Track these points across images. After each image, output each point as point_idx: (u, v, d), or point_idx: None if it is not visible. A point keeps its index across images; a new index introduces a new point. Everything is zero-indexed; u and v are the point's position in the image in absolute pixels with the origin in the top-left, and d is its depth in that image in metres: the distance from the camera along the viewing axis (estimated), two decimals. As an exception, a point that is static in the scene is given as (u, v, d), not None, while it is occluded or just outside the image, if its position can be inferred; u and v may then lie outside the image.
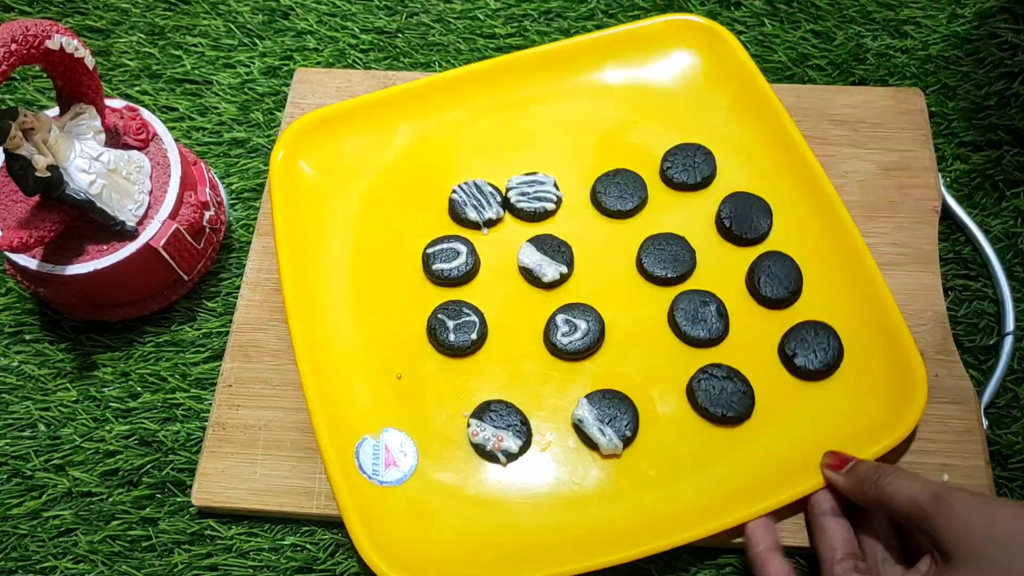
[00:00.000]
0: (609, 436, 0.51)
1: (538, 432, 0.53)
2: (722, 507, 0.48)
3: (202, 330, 0.58)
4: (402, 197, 0.61)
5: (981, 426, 0.53)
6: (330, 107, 0.62)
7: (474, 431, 0.52)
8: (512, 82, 0.64)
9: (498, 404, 0.53)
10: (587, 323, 0.55)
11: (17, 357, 0.58)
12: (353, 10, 0.72)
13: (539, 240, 0.58)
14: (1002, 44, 0.68)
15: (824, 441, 0.50)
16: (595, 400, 0.52)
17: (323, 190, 0.60)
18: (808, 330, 0.54)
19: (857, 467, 0.47)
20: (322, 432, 0.51)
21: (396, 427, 0.53)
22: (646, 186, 0.60)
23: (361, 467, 0.51)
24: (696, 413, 0.52)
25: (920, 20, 0.70)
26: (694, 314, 0.55)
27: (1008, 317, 0.57)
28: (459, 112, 0.63)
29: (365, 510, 0.49)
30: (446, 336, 0.55)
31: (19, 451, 0.55)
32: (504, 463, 0.52)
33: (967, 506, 0.41)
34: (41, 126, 0.49)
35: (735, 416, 0.51)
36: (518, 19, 0.71)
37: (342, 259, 0.58)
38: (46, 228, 0.50)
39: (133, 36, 0.71)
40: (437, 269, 0.57)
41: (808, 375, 0.53)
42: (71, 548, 0.52)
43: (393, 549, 0.48)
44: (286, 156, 0.60)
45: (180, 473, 0.54)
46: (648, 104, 0.63)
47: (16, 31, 0.45)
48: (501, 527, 0.50)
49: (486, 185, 0.60)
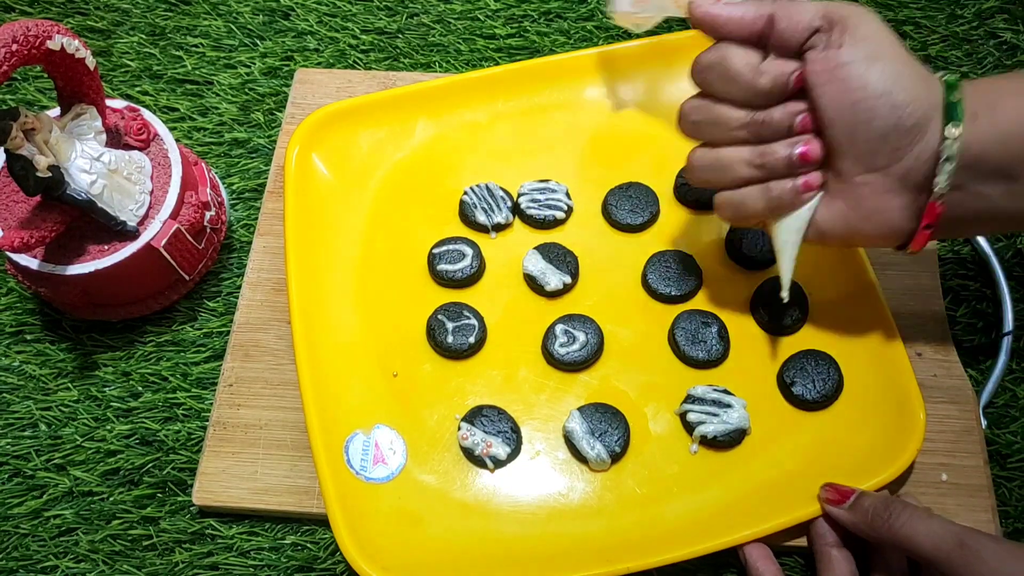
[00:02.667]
0: (598, 451, 0.51)
1: (528, 440, 0.53)
2: (709, 530, 0.48)
3: (203, 330, 0.59)
4: (414, 195, 0.61)
5: (980, 426, 0.53)
6: (349, 100, 0.61)
7: (464, 435, 0.52)
8: (533, 88, 0.63)
9: (490, 409, 0.53)
10: (586, 335, 0.55)
11: (18, 357, 0.58)
12: (354, 11, 0.72)
13: (545, 248, 0.58)
14: (1001, 44, 0.68)
15: (818, 471, 0.49)
16: (587, 413, 0.52)
17: (336, 183, 0.60)
18: (809, 359, 0.53)
19: (862, 502, 0.46)
20: (314, 424, 0.51)
21: (388, 424, 0.53)
22: (659, 201, 0.59)
23: (350, 462, 0.51)
24: (688, 434, 0.52)
25: (920, 20, 0.70)
26: (694, 334, 0.54)
27: (1007, 317, 0.57)
28: (478, 113, 0.63)
29: (349, 505, 0.49)
30: (444, 337, 0.55)
31: (20, 450, 0.55)
32: (492, 469, 0.52)
33: (995, 555, 0.40)
34: (42, 126, 0.49)
35: (727, 440, 0.51)
36: (518, 20, 0.71)
37: (349, 253, 0.59)
38: (47, 228, 0.50)
39: (134, 36, 0.71)
40: (442, 270, 0.57)
41: (805, 405, 0.52)
42: (72, 547, 0.52)
43: (374, 547, 0.48)
44: (302, 148, 0.60)
45: (181, 472, 0.54)
46: (669, 118, 0.62)
47: (17, 31, 0.45)
48: (484, 533, 0.50)
49: (498, 189, 0.60)
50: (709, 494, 0.50)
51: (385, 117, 0.62)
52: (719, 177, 0.48)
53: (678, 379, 0.54)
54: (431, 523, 0.50)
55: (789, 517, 0.48)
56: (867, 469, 0.49)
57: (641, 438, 0.52)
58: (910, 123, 0.43)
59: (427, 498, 0.51)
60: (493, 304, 0.57)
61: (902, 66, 0.43)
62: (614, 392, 0.54)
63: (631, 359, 0.55)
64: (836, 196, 0.46)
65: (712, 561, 0.50)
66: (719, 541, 0.47)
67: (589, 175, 0.61)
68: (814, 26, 0.44)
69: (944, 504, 0.50)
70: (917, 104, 0.43)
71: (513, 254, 0.59)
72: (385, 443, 0.52)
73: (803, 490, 0.48)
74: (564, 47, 0.69)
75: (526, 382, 0.54)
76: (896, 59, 0.43)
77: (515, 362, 0.55)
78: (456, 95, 0.63)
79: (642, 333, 0.56)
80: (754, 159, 0.46)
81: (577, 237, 0.59)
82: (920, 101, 0.43)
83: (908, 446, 0.49)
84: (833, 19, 0.43)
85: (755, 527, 0.48)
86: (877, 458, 0.49)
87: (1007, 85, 0.44)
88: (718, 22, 0.46)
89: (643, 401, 0.53)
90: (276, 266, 0.59)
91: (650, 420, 0.53)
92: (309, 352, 0.53)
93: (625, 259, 0.58)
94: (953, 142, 0.42)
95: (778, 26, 0.44)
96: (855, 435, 0.51)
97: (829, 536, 0.47)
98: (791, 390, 0.52)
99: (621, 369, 0.55)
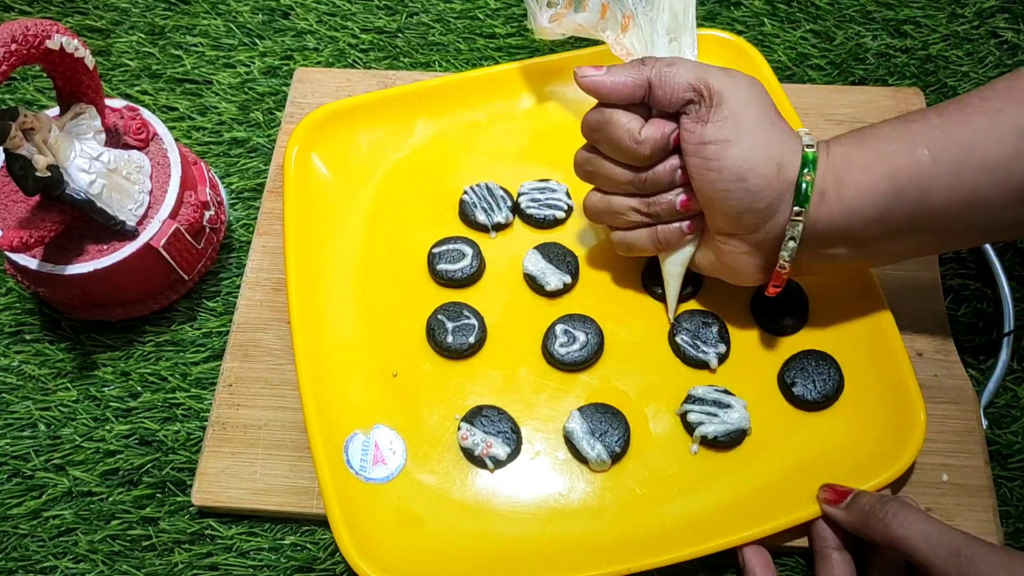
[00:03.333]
0: (598, 451, 0.51)
1: (528, 441, 0.52)
2: (709, 531, 0.48)
3: (202, 330, 0.58)
4: (414, 194, 0.61)
5: (981, 426, 0.53)
6: (349, 99, 0.62)
7: (464, 435, 0.52)
8: (535, 87, 0.63)
9: (490, 409, 0.52)
10: (586, 335, 0.54)
11: (17, 357, 0.58)
12: (353, 10, 0.72)
13: (545, 248, 0.58)
14: (1002, 44, 0.68)
15: (818, 472, 0.49)
16: (587, 413, 0.52)
17: (336, 183, 0.60)
18: (810, 359, 0.53)
19: (858, 500, 0.46)
20: (313, 424, 0.51)
21: (387, 424, 0.53)
22: None
23: (349, 462, 0.51)
24: (689, 435, 0.52)
25: (920, 20, 0.70)
26: (695, 334, 0.54)
27: (1007, 317, 0.57)
28: (479, 113, 0.63)
29: (349, 506, 0.49)
30: (444, 337, 0.55)
31: (19, 451, 0.55)
32: (492, 469, 0.51)
33: (991, 565, 0.39)
34: (41, 126, 0.49)
35: (727, 441, 0.51)
36: (518, 19, 0.71)
37: (348, 253, 0.59)
38: (46, 228, 0.50)
39: (133, 36, 0.71)
40: (442, 269, 0.57)
41: (806, 405, 0.52)
42: (71, 548, 0.52)
43: (374, 547, 0.48)
44: (301, 147, 0.60)
45: (180, 473, 0.54)
46: None
47: (16, 31, 0.45)
48: (484, 534, 0.50)
49: (498, 188, 0.60)
50: (709, 494, 0.50)
51: (385, 116, 0.62)
52: (612, 220, 0.53)
53: (678, 379, 0.54)
54: (431, 523, 0.50)
55: (789, 518, 0.48)
56: (868, 469, 0.49)
57: (641, 438, 0.52)
58: (762, 206, 0.46)
59: (427, 498, 0.51)
60: (493, 304, 0.57)
61: (761, 145, 0.45)
62: (614, 392, 0.54)
63: (631, 359, 0.55)
64: (707, 244, 0.52)
65: (712, 562, 0.50)
66: (719, 542, 0.47)
67: None
68: (686, 98, 0.47)
69: (944, 504, 0.50)
70: (769, 189, 0.45)
71: (513, 254, 0.58)
72: (385, 443, 0.52)
73: (803, 491, 0.48)
74: (563, 46, 0.69)
75: (526, 382, 0.54)
76: (756, 136, 0.45)
77: (515, 362, 0.55)
78: (455, 94, 0.63)
79: (642, 333, 0.56)
80: (642, 207, 0.51)
81: (577, 236, 0.59)
82: (772, 186, 0.45)
83: (909, 447, 0.49)
84: (703, 92, 0.46)
85: (755, 528, 0.47)
86: (878, 459, 0.49)
87: (858, 156, 0.46)
88: (602, 91, 0.48)
89: (643, 401, 0.53)
90: (275, 266, 0.59)
91: (650, 420, 0.53)
92: (308, 351, 0.53)
93: (625, 259, 0.58)
94: (797, 223, 0.46)
95: (655, 93, 0.47)
96: (856, 435, 0.51)
97: (830, 539, 0.47)
98: (792, 390, 0.52)
99: (621, 369, 0.55)
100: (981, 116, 0.44)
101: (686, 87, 0.46)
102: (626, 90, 0.48)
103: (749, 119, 0.46)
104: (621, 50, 0.57)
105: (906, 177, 0.44)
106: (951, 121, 0.44)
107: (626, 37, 0.57)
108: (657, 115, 0.49)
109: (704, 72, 0.46)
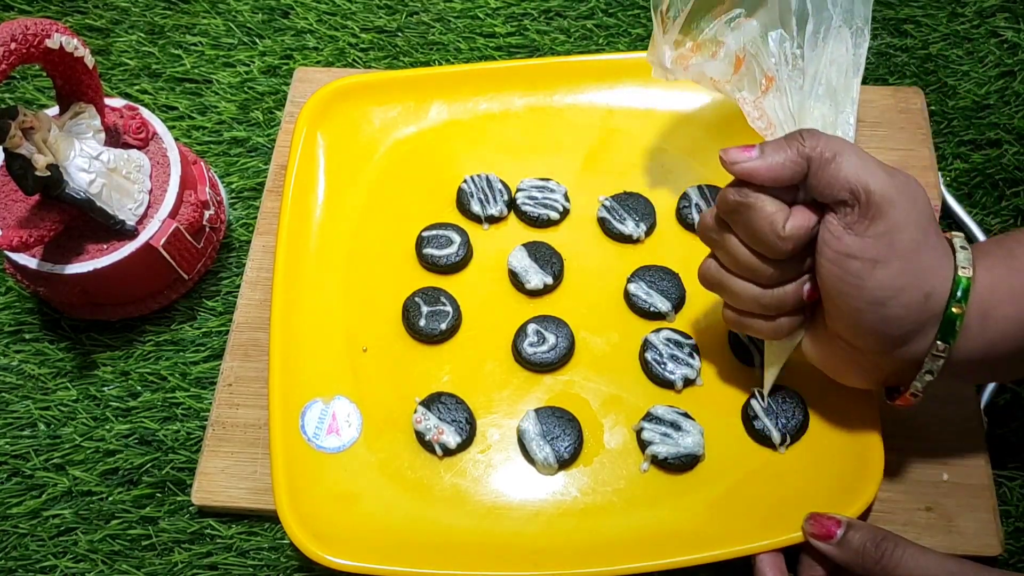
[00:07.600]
0: (546, 454, 0.50)
1: (481, 433, 0.52)
2: (649, 549, 0.47)
3: (202, 329, 0.58)
4: (415, 176, 0.61)
5: (981, 426, 0.53)
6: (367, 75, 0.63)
7: (418, 418, 0.52)
8: (551, 86, 0.63)
9: (449, 397, 0.53)
10: (556, 338, 0.54)
11: (17, 356, 0.58)
12: (353, 9, 0.72)
13: (532, 246, 0.58)
14: (1002, 43, 0.68)
15: (771, 504, 0.49)
16: (543, 415, 0.52)
17: (341, 156, 0.61)
18: (777, 396, 0.52)
19: (850, 539, 0.44)
20: (275, 384, 0.52)
21: (348, 397, 0.53)
22: (656, 216, 0.59)
23: (304, 428, 0.52)
24: (642, 452, 0.51)
25: (920, 19, 0.70)
26: (666, 353, 0.54)
27: (1008, 316, 0.56)
28: (492, 103, 0.63)
29: (294, 469, 0.50)
30: (417, 320, 0.55)
31: (19, 450, 0.55)
32: (440, 456, 0.52)
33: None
34: (41, 125, 0.49)
35: (677, 464, 0.50)
36: (518, 18, 0.71)
37: (343, 226, 0.59)
38: (46, 227, 0.50)
39: (133, 35, 0.71)
40: (428, 254, 0.57)
41: (765, 441, 0.51)
42: (71, 547, 0.52)
43: (311, 514, 0.49)
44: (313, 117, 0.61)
45: (180, 472, 0.54)
46: (682, 135, 0.62)
47: (16, 30, 0.45)
48: (418, 517, 0.50)
49: (497, 181, 0.60)
50: (653, 514, 0.50)
51: (400, 96, 0.62)
52: (725, 297, 0.48)
53: (643, 396, 0.53)
54: (370, 500, 0.50)
55: (730, 549, 0.47)
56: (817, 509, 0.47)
57: (594, 448, 0.52)
58: (896, 333, 0.42)
59: (372, 474, 0.51)
60: (473, 294, 0.57)
61: (913, 272, 0.40)
62: (575, 399, 0.53)
63: (599, 369, 0.54)
64: (819, 337, 0.46)
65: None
66: (658, 561, 0.46)
67: (591, 181, 0.61)
68: (841, 198, 0.41)
69: (945, 504, 0.50)
70: (910, 320, 0.41)
71: (501, 248, 0.58)
72: (342, 415, 0.53)
73: (748, 522, 0.48)
74: (564, 46, 0.69)
75: (491, 376, 0.54)
76: (909, 263, 0.40)
77: (483, 354, 0.55)
78: (472, 82, 0.63)
79: (615, 345, 0.55)
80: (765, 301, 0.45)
81: (568, 240, 0.59)
82: (914, 317, 0.41)
83: (862, 496, 0.48)
84: (860, 198, 0.40)
85: (699, 552, 0.47)
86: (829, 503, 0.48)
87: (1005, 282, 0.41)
88: (756, 179, 0.42)
89: (603, 412, 0.53)
90: (275, 265, 0.59)
91: (607, 432, 0.52)
92: (284, 315, 0.54)
93: (612, 269, 0.57)
94: (939, 358, 0.42)
95: (808, 181, 0.42)
96: (810, 476, 0.50)
97: (817, 569, 0.46)
98: (752, 424, 0.51)
99: (587, 377, 0.54)
100: None
101: (844, 187, 0.40)
102: (784, 174, 0.42)
103: (905, 241, 0.40)
104: (755, 112, 0.52)
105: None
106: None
107: (766, 100, 0.52)
108: (803, 200, 0.43)
109: (867, 173, 0.40)
